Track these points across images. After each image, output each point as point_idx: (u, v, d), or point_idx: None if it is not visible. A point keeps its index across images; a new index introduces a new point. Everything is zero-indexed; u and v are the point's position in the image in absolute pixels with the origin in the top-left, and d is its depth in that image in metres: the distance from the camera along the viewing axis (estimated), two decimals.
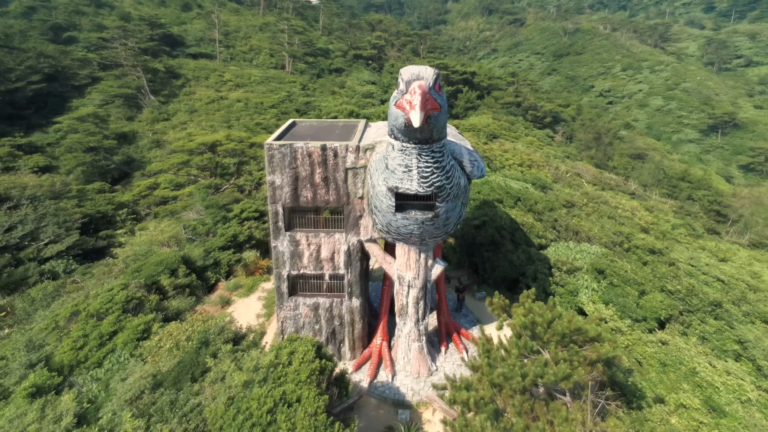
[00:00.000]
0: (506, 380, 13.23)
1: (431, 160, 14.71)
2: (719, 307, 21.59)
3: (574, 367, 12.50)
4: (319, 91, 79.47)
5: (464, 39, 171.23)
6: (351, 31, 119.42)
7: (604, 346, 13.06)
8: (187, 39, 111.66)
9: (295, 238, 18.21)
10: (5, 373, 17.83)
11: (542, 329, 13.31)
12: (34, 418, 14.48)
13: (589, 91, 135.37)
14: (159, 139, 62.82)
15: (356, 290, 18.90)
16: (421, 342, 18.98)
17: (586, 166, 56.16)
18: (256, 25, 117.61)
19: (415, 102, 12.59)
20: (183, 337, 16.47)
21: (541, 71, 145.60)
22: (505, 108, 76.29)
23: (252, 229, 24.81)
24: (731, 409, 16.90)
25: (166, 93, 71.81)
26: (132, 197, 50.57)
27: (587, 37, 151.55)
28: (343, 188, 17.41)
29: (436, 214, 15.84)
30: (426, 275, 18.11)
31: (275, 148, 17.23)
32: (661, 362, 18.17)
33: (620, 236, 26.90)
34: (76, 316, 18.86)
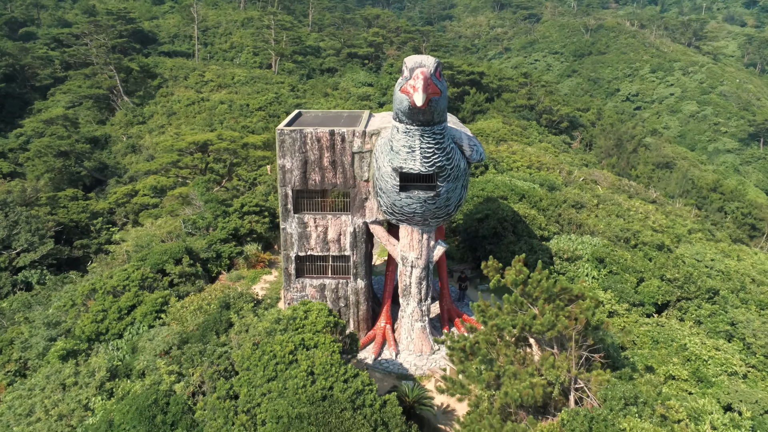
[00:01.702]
0: (499, 331, 17.61)
1: (433, 141, 19.36)
2: (716, 295, 26.05)
3: (558, 318, 16.93)
4: (310, 92, 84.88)
5: (472, 36, 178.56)
6: (344, 27, 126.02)
7: (586, 302, 17.50)
8: (160, 35, 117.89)
9: (303, 220, 22.77)
10: (26, 347, 22.01)
11: (531, 287, 17.82)
12: (69, 373, 18.71)
13: (614, 95, 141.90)
14: (135, 144, 67.75)
15: (361, 271, 23.38)
16: (423, 322, 23.36)
17: (604, 174, 61.14)
18: (237, 20, 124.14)
19: (418, 86, 17.23)
20: (205, 302, 20.75)
21: (560, 73, 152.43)
22: (516, 111, 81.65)
23: (252, 223, 29.31)
24: (718, 380, 21.15)
25: (141, 94, 77.09)
26: (108, 205, 55.19)
27: (611, 35, 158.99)
28: (349, 171, 22.07)
29: (438, 193, 20.43)
30: (428, 255, 22.62)
31: (286, 133, 21.94)
32: (654, 339, 22.51)
33: (627, 232, 31.57)
34: (94, 294, 23.15)
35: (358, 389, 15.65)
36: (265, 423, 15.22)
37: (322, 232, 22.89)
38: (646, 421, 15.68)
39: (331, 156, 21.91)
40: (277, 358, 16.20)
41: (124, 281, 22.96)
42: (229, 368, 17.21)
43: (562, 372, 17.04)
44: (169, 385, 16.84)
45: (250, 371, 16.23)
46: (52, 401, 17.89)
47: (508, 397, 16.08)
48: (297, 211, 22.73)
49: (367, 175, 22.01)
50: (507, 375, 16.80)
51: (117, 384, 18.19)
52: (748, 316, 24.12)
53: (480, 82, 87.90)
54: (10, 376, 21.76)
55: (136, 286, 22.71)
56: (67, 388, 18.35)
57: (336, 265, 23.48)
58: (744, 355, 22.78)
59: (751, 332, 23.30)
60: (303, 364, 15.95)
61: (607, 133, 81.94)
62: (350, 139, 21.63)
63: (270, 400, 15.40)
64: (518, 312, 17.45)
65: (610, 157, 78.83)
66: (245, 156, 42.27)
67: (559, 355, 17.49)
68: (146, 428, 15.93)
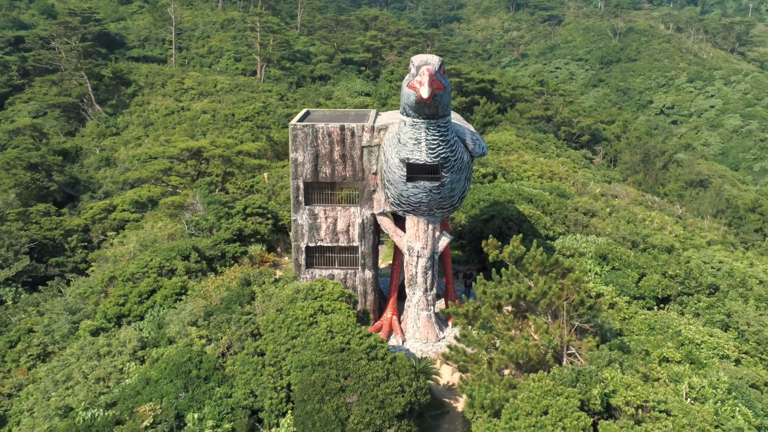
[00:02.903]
0: (497, 299, 23.35)
1: (437, 133, 25.52)
2: (717, 291, 31.94)
3: (550, 288, 22.69)
4: (300, 102, 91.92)
5: (484, 41, 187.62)
6: (338, 30, 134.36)
7: (575, 273, 23.33)
8: (129, 38, 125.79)
9: (314, 211, 28.85)
10: (48, 331, 27.69)
11: (527, 261, 23.64)
12: (103, 343, 24.38)
13: (646, 108, 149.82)
14: (109, 157, 74.20)
15: (369, 262, 29.37)
16: (429, 311, 29.24)
17: (626, 189, 67.68)
18: (216, 21, 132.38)
19: (424, 81, 23.37)
20: (227, 281, 26.46)
21: (584, 82, 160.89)
22: (532, 123, 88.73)
23: (256, 224, 35.34)
24: (710, 362, 26.84)
25: (113, 103, 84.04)
26: (84, 221, 61.27)
27: (643, 39, 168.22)
28: (358, 164, 28.24)
29: (442, 183, 26.54)
30: (434, 246, 28.65)
31: (299, 128, 28.21)
32: (650, 327, 28.31)
33: (636, 236, 37.70)
34: (113, 281, 28.89)
35: (372, 345, 21.53)
36: (290, 373, 21.03)
37: (332, 223, 28.98)
38: (626, 374, 21.54)
39: (341, 150, 28.15)
40: (299, 320, 22.08)
41: (143, 268, 28.76)
42: (255, 331, 22.92)
43: (555, 338, 22.93)
44: (200, 347, 22.54)
45: (274, 333, 22.07)
46: (89, 366, 23.55)
47: (504, 355, 21.95)
48: (308, 203, 28.85)
49: (375, 168, 28.21)
50: (504, 339, 22.69)
51: (148, 352, 23.89)
52: (744, 308, 30.01)
53: (491, 91, 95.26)
54: (32, 359, 27.36)
55: (154, 272, 28.52)
56: (101, 357, 24.00)
57: (344, 256, 29.48)
58: (738, 343, 28.57)
59: (744, 321, 29.12)
60: (322, 324, 21.84)
61: (634, 148, 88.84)
62: (359, 134, 27.91)
63: (294, 353, 21.23)
64: (515, 283, 23.45)
65: (636, 173, 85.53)
66: (240, 164, 48.55)
67: (553, 324, 23.41)
68: (183, 381, 21.56)
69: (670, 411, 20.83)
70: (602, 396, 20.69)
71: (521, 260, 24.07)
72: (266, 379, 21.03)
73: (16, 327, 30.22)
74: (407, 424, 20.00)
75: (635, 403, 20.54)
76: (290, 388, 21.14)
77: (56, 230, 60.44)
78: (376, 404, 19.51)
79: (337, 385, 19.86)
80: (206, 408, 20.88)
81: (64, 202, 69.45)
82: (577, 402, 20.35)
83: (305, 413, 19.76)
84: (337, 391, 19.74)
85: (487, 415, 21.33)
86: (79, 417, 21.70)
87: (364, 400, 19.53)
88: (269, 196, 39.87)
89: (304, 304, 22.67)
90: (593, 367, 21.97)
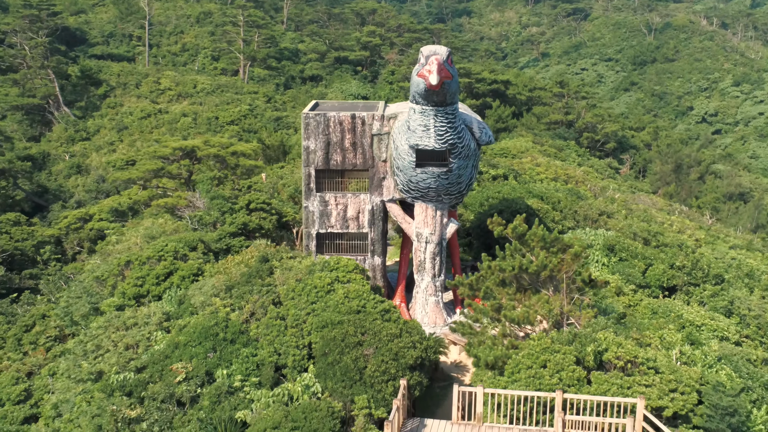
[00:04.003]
0: (500, 272, 30.34)
1: (445, 120, 32.88)
2: (723, 281, 39.14)
3: (550, 260, 29.69)
4: (290, 104, 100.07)
5: (498, 38, 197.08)
6: (330, 25, 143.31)
7: (574, 248, 30.36)
8: (91, 34, 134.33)
9: (325, 198, 36.17)
10: (67, 313, 34.68)
11: (530, 238, 30.70)
12: (129, 316, 31.40)
13: (686, 115, 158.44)
14: (80, 164, 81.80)
15: (378, 249, 36.62)
16: (437, 297, 36.40)
17: (652, 198, 75.35)
18: (190, 15, 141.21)
19: (432, 69, 30.66)
20: (246, 258, 33.50)
21: (614, 86, 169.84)
22: (550, 129, 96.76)
23: (260, 219, 42.59)
24: (709, 343, 33.88)
25: (82, 105, 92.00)
26: (58, 231, 68.55)
27: (682, 36, 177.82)
28: (369, 152, 35.63)
29: (450, 169, 33.89)
30: (442, 232, 35.92)
31: (311, 116, 35.66)
32: (653, 311, 35.44)
33: (648, 234, 45.07)
34: (129, 265, 35.93)
35: (386, 309, 28.73)
36: (311, 333, 28.20)
37: (342, 210, 36.33)
38: (620, 336, 28.73)
39: (352, 138, 35.62)
40: (317, 288, 29.30)
41: (159, 252, 35.86)
42: (276, 300, 29.96)
43: (555, 308, 30.15)
44: (225, 315, 29.56)
45: (294, 299, 29.26)
46: (117, 336, 30.53)
47: (506, 319, 29.13)
48: (319, 190, 36.23)
49: (385, 156, 35.64)
50: (507, 308, 29.91)
51: (173, 323, 30.89)
52: (748, 296, 37.21)
53: (505, 94, 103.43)
54: (50, 340, 34.27)
55: (170, 256, 35.62)
56: (128, 328, 30.98)
57: (354, 243, 36.77)
58: (740, 327, 35.66)
59: (746, 306, 36.26)
60: (339, 291, 29.06)
61: (664, 157, 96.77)
62: (370, 122, 35.40)
63: (314, 316, 28.40)
64: (517, 256, 30.75)
65: (667, 185, 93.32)
66: (235, 164, 56.02)
67: (553, 296, 30.66)
68: (211, 343, 28.54)
69: (658, 368, 27.94)
70: (595, 353, 27.86)
71: (524, 237, 31.42)
72: (289, 339, 28.13)
73: (29, 313, 37.26)
74: (418, 375, 27.09)
75: (625, 358, 27.69)
76: (311, 347, 28.25)
77: (27, 241, 67.69)
78: (391, 356, 26.61)
79: (355, 339, 26.99)
80: (234, 365, 27.96)
81: (32, 213, 76.71)
82: (573, 358, 27.52)
83: (327, 365, 26.88)
84: (355, 345, 26.86)
85: (492, 373, 28.44)
86: (112, 379, 28.76)
87: (380, 353, 26.65)
88: (271, 194, 47.09)
89: (321, 275, 29.90)
90: (589, 330, 29.16)
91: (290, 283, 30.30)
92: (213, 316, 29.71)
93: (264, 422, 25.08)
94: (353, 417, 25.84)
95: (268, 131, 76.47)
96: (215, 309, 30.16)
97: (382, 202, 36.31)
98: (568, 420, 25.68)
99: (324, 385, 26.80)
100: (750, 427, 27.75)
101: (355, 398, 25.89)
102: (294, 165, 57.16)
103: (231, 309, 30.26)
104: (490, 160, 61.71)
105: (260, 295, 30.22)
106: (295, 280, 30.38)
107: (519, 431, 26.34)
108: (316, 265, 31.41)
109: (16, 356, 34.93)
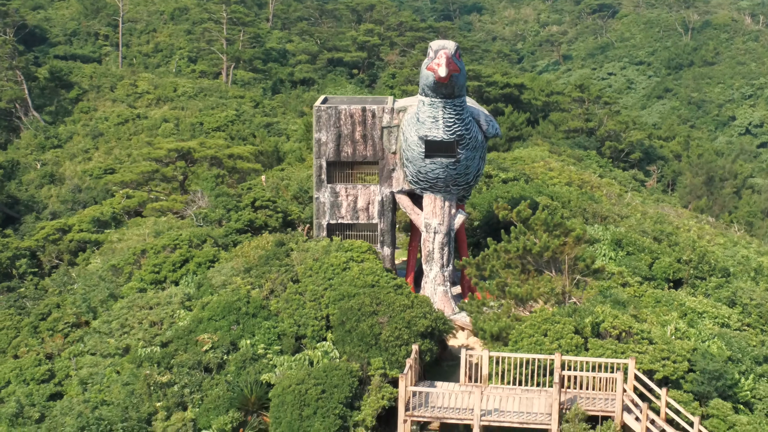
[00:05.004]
0: (506, 253, 38.70)
1: (453, 112, 41.64)
2: (729, 275, 47.70)
3: (553, 242, 38.06)
4: (280, 110, 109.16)
5: (513, 38, 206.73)
6: (323, 23, 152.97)
7: (576, 230, 38.77)
8: (52, 33, 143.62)
9: (335, 189, 44.80)
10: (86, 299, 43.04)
11: (533, 222, 39.21)
12: (152, 296, 39.84)
13: (728, 126, 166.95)
14: (53, 173, 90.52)
15: (387, 239, 45.21)
16: (445, 286, 44.91)
17: (677, 209, 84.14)
18: (164, 11, 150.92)
19: (441, 62, 39.35)
20: (262, 242, 41.99)
21: (646, 92, 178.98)
22: (569, 137, 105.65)
23: (266, 217, 51.17)
24: (704, 322, 42.28)
25: (52, 109, 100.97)
26: (35, 243, 76.99)
27: (723, 36, 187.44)
28: (379, 144, 44.34)
29: (458, 159, 42.59)
30: (450, 222, 44.54)
31: (323, 109, 44.42)
32: (657, 300, 43.89)
33: (660, 233, 53.76)
34: (144, 254, 44.36)
35: (398, 284, 37.27)
36: (329, 306, 36.69)
37: (353, 201, 44.98)
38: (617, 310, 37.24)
39: (362, 130, 44.36)
40: (334, 266, 37.87)
41: (174, 241, 44.36)
42: (294, 278, 38.39)
43: (557, 287, 38.68)
44: (246, 292, 37.97)
45: (312, 277, 37.80)
46: (142, 313, 38.93)
47: (510, 296, 37.61)
48: (330, 181, 44.87)
49: (394, 148, 44.35)
50: (511, 285, 38.44)
51: (194, 303, 39.30)
52: (753, 287, 45.76)
53: (519, 98, 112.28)
54: (68, 326, 42.52)
55: (186, 244, 44.10)
56: (152, 307, 39.35)
57: (364, 234, 45.34)
58: (742, 316, 44.08)
59: (748, 296, 44.74)
60: (355, 268, 37.65)
61: (695, 168, 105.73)
62: (380, 115, 44.18)
63: (332, 290, 36.91)
64: (521, 237, 39.35)
65: (698, 199, 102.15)
66: (232, 167, 64.79)
67: (555, 276, 39.22)
68: (234, 317, 36.90)
69: (652, 339, 36.38)
70: (593, 324, 36.34)
71: (528, 222, 40.06)
72: (308, 311, 36.59)
73: (44, 302, 45.62)
74: (429, 342, 35.54)
75: (620, 328, 36.14)
76: (329, 320, 36.70)
77: (3, 253, 76.09)
78: (404, 324, 35.05)
79: (371, 309, 35.44)
80: (257, 336, 36.38)
81: (3, 225, 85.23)
82: (571, 328, 36.00)
83: (344, 332, 35.32)
84: (370, 314, 35.30)
85: (497, 344, 36.87)
86: (140, 352, 37.18)
87: (394, 321, 35.09)
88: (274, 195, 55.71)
89: (337, 254, 38.49)
90: (588, 305, 37.68)
91: (308, 262, 38.89)
92: (235, 292, 38.20)
93: (288, 380, 33.46)
94: (369, 377, 34.22)
95: (261, 136, 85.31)
96: (236, 287, 38.64)
97: (391, 193, 44.97)
98: (565, 375, 34.08)
99: (342, 350, 35.26)
100: (737, 392, 36.13)
101: (371, 360, 34.31)
102: (294, 168, 65.88)
103: (251, 287, 38.74)
104: (500, 163, 70.54)
105: (279, 273, 38.76)
106: (312, 260, 38.95)
107: (521, 391, 34.67)
108: (331, 245, 40.01)
109: (34, 342, 43.15)
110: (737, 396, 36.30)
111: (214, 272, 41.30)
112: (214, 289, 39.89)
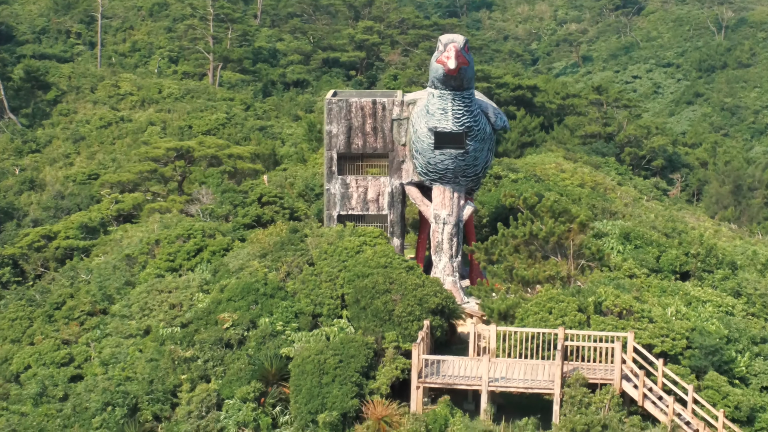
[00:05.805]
0: (513, 238, 46.67)
1: (462, 104, 49.86)
2: (737, 268, 55.82)
3: (558, 227, 46.06)
4: (273, 113, 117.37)
5: (527, 37, 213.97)
6: (317, 20, 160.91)
7: (580, 216, 46.81)
8: (19, 30, 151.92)
9: (346, 181, 53.02)
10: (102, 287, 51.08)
11: (539, 209, 47.34)
12: (170, 281, 47.87)
13: (765, 135, 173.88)
14: (32, 179, 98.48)
15: (397, 230, 53.41)
16: (454, 277, 53.05)
17: (698, 215, 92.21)
18: (142, 7, 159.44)
19: (450, 55, 47.45)
20: (276, 230, 49.96)
21: (675, 97, 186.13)
22: (586, 143, 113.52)
23: (273, 213, 59.33)
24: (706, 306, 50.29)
25: (29, 112, 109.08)
26: (19, 251, 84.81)
27: (760, 35, 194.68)
28: (389, 136, 52.60)
29: (466, 151, 50.82)
30: (459, 213, 52.77)
31: (334, 102, 52.73)
32: (662, 290, 51.95)
33: (672, 231, 61.97)
34: (158, 244, 52.42)
35: (410, 266, 45.49)
36: (343, 286, 44.85)
37: (363, 192, 53.23)
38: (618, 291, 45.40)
39: (372, 122, 52.68)
40: (348, 249, 46.11)
41: (188, 230, 52.46)
42: (310, 261, 46.55)
43: (562, 271, 46.85)
44: (264, 274, 46.07)
45: (327, 260, 46.01)
46: (162, 296, 46.99)
47: (517, 278, 45.75)
48: (340, 173, 53.11)
49: (404, 140, 52.64)
50: (518, 269, 46.60)
51: (212, 286, 47.37)
52: (758, 278, 53.87)
53: (531, 101, 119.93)
54: (83, 314, 50.44)
55: (199, 233, 52.20)
56: (171, 291, 47.41)
57: (374, 225, 53.52)
58: (747, 306, 52.10)
59: (753, 287, 52.80)
60: (368, 251, 45.88)
61: (722, 176, 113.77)
62: (390, 108, 52.52)
63: (346, 271, 45.07)
64: (528, 223, 47.56)
65: (725, 208, 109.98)
66: (232, 167, 73.01)
67: (560, 261, 47.41)
68: (253, 297, 44.95)
69: (652, 318, 44.45)
70: (595, 303, 44.43)
71: (534, 208, 48.33)
72: (324, 291, 44.70)
73: (56, 292, 53.61)
74: (439, 319, 43.64)
75: (622, 306, 44.20)
76: (344, 299, 44.77)
77: None
78: (416, 301, 43.13)
79: (384, 287, 43.53)
80: (275, 314, 44.45)
81: None
82: (575, 306, 44.09)
83: (359, 309, 43.43)
84: (384, 292, 43.38)
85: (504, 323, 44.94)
86: (162, 332, 45.26)
87: (406, 298, 43.18)
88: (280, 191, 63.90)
89: (351, 239, 46.75)
90: (591, 286, 45.83)
91: (322, 246, 47.08)
92: (253, 275, 46.35)
93: (308, 351, 41.52)
94: (384, 350, 42.24)
95: (257, 139, 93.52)
96: (254, 270, 46.79)
97: (401, 184, 53.25)
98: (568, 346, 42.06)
99: (357, 326, 43.35)
100: (733, 368, 44.22)
101: (385, 334, 42.38)
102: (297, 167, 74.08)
103: (268, 270, 46.87)
104: (510, 164, 78.82)
105: (295, 257, 46.94)
106: (327, 244, 47.16)
107: (525, 363, 42.65)
108: (345, 231, 48.26)
109: (50, 329, 51.00)
110: (733, 372, 44.32)
111: (230, 257, 49.44)
112: (230, 274, 47.98)
